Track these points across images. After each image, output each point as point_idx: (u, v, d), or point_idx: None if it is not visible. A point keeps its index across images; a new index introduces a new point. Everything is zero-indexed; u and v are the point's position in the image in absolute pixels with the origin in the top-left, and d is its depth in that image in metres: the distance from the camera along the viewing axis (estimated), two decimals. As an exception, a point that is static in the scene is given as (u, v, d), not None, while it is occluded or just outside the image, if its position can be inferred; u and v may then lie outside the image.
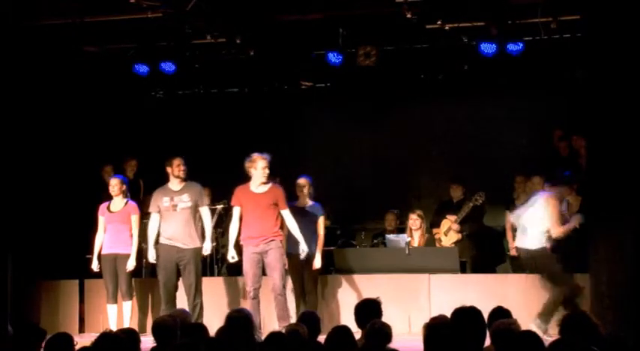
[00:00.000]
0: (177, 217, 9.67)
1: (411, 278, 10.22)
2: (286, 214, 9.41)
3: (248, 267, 9.32)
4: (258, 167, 9.35)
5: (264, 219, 9.31)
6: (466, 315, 5.69)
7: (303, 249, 9.42)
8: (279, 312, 9.25)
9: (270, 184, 9.45)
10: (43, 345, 5.76)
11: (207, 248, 9.75)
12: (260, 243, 9.29)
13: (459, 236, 11.10)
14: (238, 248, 9.54)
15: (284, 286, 9.35)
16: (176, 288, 9.71)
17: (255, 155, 9.40)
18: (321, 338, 6.33)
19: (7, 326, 7.11)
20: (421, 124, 13.14)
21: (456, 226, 11.08)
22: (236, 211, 9.49)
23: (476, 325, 5.62)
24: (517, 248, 9.70)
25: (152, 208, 9.83)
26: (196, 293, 9.63)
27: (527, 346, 5.02)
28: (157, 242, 9.76)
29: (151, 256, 9.75)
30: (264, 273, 9.42)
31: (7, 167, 9.84)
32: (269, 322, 9.66)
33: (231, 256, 9.49)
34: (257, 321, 9.09)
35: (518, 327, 5.52)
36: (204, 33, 11.23)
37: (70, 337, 5.74)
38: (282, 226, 9.57)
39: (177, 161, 9.76)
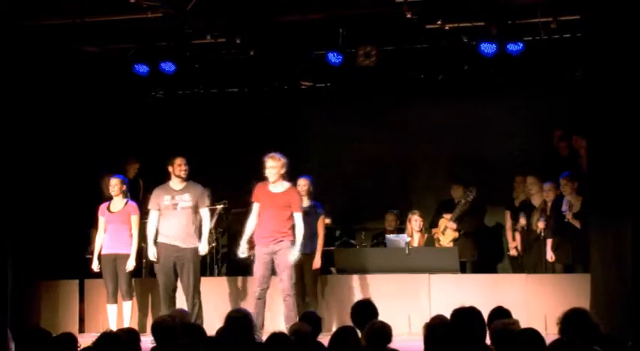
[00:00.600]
0: (177, 217, 9.68)
1: (411, 278, 10.21)
2: (297, 217, 9.29)
3: (257, 267, 9.29)
4: (265, 167, 9.35)
5: (276, 219, 9.26)
6: (465, 315, 5.69)
7: (295, 254, 9.26)
8: (287, 313, 9.21)
9: (288, 185, 9.38)
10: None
11: (203, 249, 9.76)
12: (270, 243, 9.25)
13: (455, 234, 11.10)
14: (251, 245, 9.51)
15: (293, 287, 9.30)
16: (175, 288, 9.71)
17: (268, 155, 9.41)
18: (321, 337, 6.35)
19: (7, 331, 7.08)
20: (421, 124, 13.14)
21: (452, 225, 11.08)
22: (255, 207, 9.40)
23: (475, 325, 5.61)
24: None
25: (152, 206, 9.83)
26: (194, 293, 9.62)
27: (527, 346, 5.02)
28: (155, 240, 9.77)
29: (151, 254, 9.75)
30: (274, 273, 9.38)
31: (7, 167, 9.84)
32: (271, 322, 9.64)
33: (241, 251, 9.46)
34: (260, 321, 9.08)
35: (518, 327, 5.52)
36: (204, 33, 11.23)
37: (74, 337, 5.75)
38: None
39: (179, 161, 9.77)
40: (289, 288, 9.22)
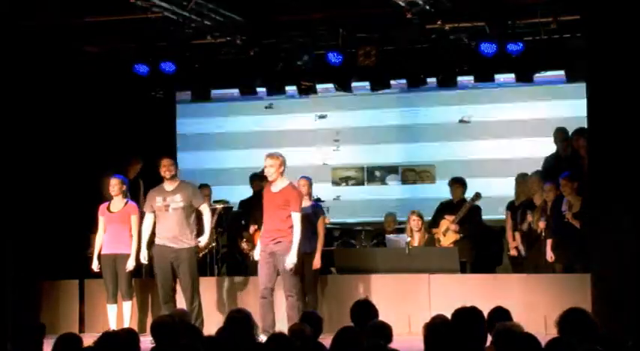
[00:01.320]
0: (169, 218, 9.66)
1: (411, 278, 10.21)
2: (295, 217, 9.21)
3: (260, 266, 9.30)
4: (264, 166, 9.35)
5: (274, 218, 9.23)
6: (467, 315, 5.68)
7: (291, 261, 9.13)
8: (288, 312, 9.22)
9: (287, 184, 9.35)
10: (52, 345, 5.76)
11: (202, 241, 9.75)
12: (269, 243, 9.24)
13: (456, 236, 11.07)
14: None
15: (295, 286, 9.29)
16: (173, 288, 9.70)
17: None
18: (321, 338, 6.35)
19: (7, 344, 7.07)
20: (421, 124, 13.16)
21: (453, 227, 11.06)
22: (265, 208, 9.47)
23: (476, 326, 5.61)
24: None
25: (146, 208, 9.85)
26: (193, 295, 9.57)
27: (529, 349, 5.01)
28: (152, 242, 9.76)
29: (143, 257, 9.77)
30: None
31: (8, 167, 9.85)
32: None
33: (256, 252, 9.49)
34: (269, 322, 9.08)
35: (521, 329, 5.51)
36: (204, 33, 11.23)
37: (79, 338, 5.76)
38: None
39: (163, 162, 9.77)
40: (289, 288, 9.22)
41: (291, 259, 9.11)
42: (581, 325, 5.30)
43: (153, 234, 9.82)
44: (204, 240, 9.77)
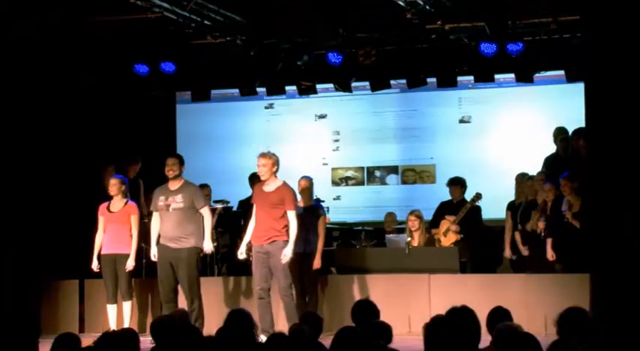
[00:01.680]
0: (170, 217, 9.64)
1: (411, 278, 10.20)
2: (291, 214, 9.23)
3: (254, 267, 9.30)
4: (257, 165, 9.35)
5: (268, 218, 9.23)
6: (461, 314, 5.69)
7: (287, 255, 9.18)
8: (285, 313, 9.22)
9: (280, 183, 9.34)
10: (51, 345, 5.76)
11: (207, 246, 9.71)
12: (264, 242, 9.23)
13: (457, 237, 11.07)
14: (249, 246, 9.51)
15: (290, 287, 9.31)
16: (174, 288, 9.68)
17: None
18: (322, 338, 6.35)
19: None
20: (421, 124, 13.17)
21: (454, 227, 11.06)
22: (254, 209, 9.45)
23: (470, 324, 5.61)
24: None
25: (153, 207, 9.85)
26: (193, 296, 9.53)
27: (529, 349, 5.01)
28: (158, 241, 9.77)
29: (153, 255, 9.77)
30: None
31: (8, 167, 9.85)
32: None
33: (240, 252, 9.48)
34: (268, 322, 9.08)
35: (521, 330, 5.51)
36: (204, 33, 11.23)
37: (77, 337, 5.76)
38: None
39: (167, 161, 9.75)
40: (284, 288, 9.22)
41: (286, 252, 9.11)
42: (581, 324, 5.30)
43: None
44: (206, 245, 9.70)
